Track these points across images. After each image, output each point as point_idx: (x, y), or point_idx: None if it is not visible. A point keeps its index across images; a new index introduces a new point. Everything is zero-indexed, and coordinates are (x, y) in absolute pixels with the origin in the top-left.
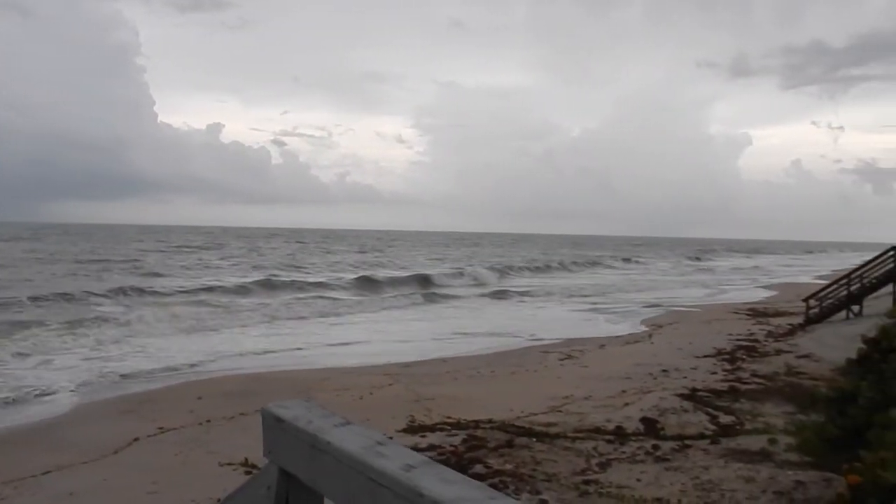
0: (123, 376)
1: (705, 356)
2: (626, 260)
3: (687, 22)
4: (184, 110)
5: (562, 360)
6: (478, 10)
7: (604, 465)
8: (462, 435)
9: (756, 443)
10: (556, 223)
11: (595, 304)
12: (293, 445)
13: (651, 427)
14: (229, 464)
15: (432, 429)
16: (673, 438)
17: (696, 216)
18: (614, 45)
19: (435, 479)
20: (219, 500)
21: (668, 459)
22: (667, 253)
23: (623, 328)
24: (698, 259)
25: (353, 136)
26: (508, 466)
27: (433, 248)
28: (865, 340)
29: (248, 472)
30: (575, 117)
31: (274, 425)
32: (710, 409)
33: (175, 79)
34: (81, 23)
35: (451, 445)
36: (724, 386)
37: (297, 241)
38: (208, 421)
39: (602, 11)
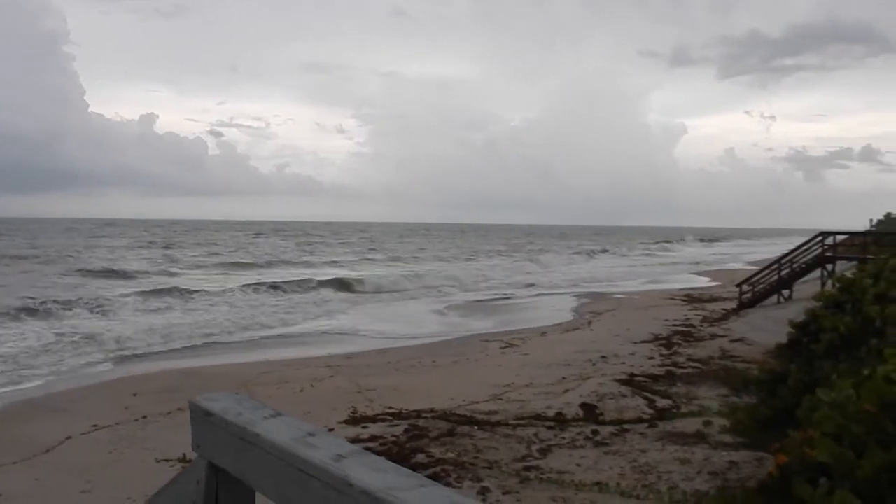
0: (56, 373)
1: (643, 342)
2: (606, 251)
3: (627, 12)
4: (116, 100)
5: (503, 348)
6: (416, 0)
7: (544, 452)
8: (404, 425)
9: (692, 425)
10: (499, 213)
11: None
12: (222, 438)
13: (590, 412)
14: (166, 460)
15: (374, 420)
16: (612, 423)
17: (636, 205)
18: (553, 35)
19: (365, 469)
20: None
21: (607, 444)
22: (629, 243)
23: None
24: (657, 249)
25: (292, 126)
26: (450, 455)
27: (409, 240)
28: (794, 325)
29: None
30: (515, 107)
31: (202, 419)
32: (647, 394)
33: (106, 68)
34: (5, 9)
35: (393, 436)
36: (661, 370)
37: (256, 234)
38: (144, 417)
39: (540, 2)
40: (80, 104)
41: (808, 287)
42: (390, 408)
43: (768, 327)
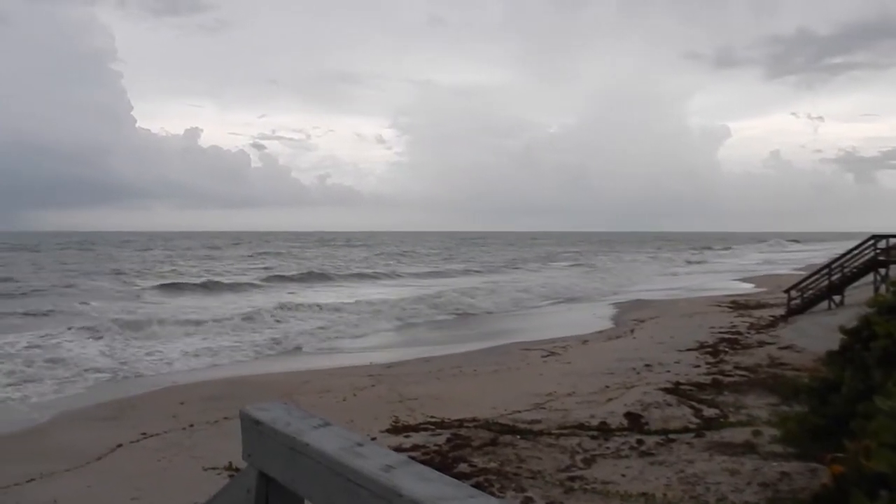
0: (106, 381)
1: (688, 349)
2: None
3: (667, 14)
4: (162, 115)
5: (544, 356)
6: (451, 8)
7: (588, 461)
8: (446, 434)
9: (740, 435)
10: (540, 220)
11: None
12: (272, 448)
13: (635, 422)
14: (213, 468)
15: (416, 429)
16: (657, 433)
17: (679, 209)
18: (591, 40)
19: (414, 479)
20: None
21: (652, 454)
22: (709, 248)
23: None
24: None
25: (332, 137)
26: (493, 464)
27: (472, 249)
28: (846, 331)
29: (232, 477)
30: (553, 113)
31: (252, 428)
32: (693, 403)
33: (152, 84)
34: (56, 29)
35: (436, 445)
36: (708, 379)
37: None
38: (191, 426)
39: (577, 7)
40: (128, 120)
41: (861, 292)
42: (432, 417)
43: (818, 334)
